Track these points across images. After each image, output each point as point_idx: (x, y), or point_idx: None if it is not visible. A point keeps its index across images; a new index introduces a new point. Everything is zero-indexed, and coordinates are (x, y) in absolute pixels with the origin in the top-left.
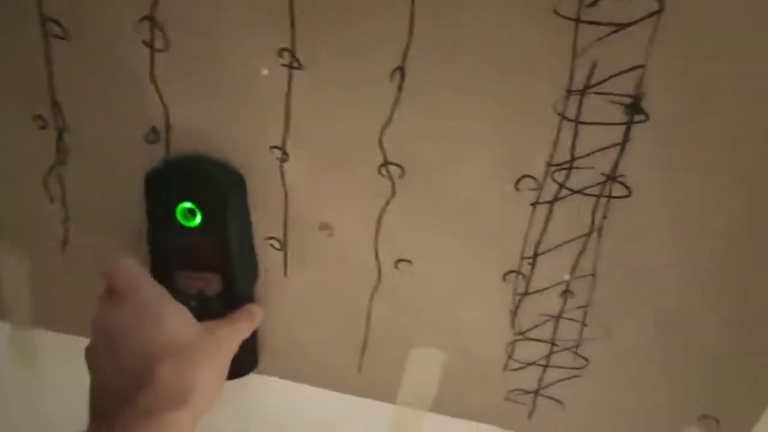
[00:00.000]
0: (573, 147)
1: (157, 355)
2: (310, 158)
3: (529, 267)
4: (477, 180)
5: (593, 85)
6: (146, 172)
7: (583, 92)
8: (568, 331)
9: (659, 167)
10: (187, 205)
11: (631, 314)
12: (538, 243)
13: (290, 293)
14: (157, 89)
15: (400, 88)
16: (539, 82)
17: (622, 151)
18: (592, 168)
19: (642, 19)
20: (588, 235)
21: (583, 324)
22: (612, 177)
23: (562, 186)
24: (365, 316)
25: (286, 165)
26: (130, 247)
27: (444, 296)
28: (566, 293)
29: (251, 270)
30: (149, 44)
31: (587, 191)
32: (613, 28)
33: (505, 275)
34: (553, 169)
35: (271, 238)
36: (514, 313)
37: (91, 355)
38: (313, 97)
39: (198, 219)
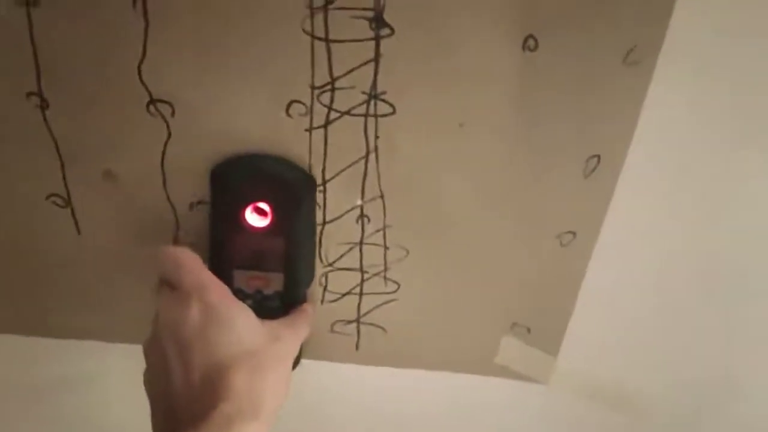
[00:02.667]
0: (330, 67)
1: (231, 363)
2: (71, 102)
3: (322, 195)
4: (249, 111)
5: (333, 0)
6: (212, 169)
7: (325, 8)
8: (373, 256)
9: (414, 80)
10: (258, 204)
11: (425, 233)
12: (324, 170)
13: (87, 250)
14: None
15: (145, 15)
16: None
17: (376, 67)
18: (354, 87)
19: None
20: (366, 156)
21: (385, 247)
22: (374, 95)
23: (330, 108)
24: None
25: (48, 112)
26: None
27: None
28: (362, 218)
29: (311, 269)
30: None
31: (354, 112)
32: None
33: None
34: (317, 91)
35: (52, 195)
36: (320, 244)
37: (156, 353)
38: (55, 34)
39: (269, 219)
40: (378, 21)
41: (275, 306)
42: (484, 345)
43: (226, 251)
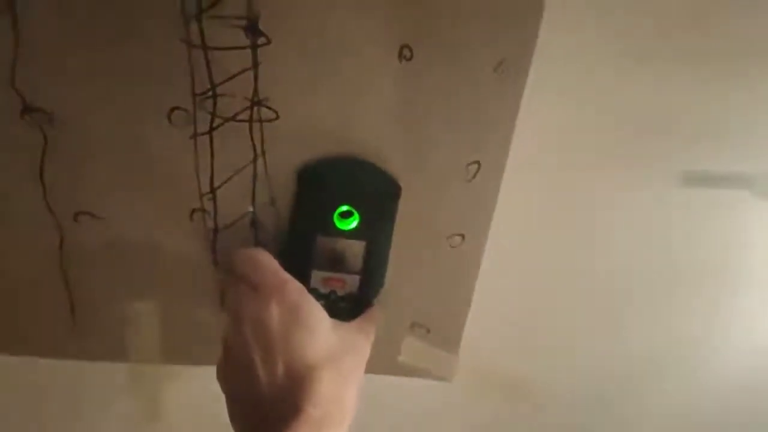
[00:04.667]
0: (210, 74)
1: (315, 366)
2: None
3: (212, 203)
4: (130, 119)
5: (207, 9)
6: (299, 170)
7: (199, 17)
8: None
9: (294, 87)
10: (346, 207)
11: None
12: (212, 177)
13: None
14: None
15: (14, 23)
16: (152, 8)
17: (256, 74)
18: (235, 95)
19: None
20: (254, 162)
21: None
22: (256, 102)
23: (213, 115)
24: (61, 277)
25: None
26: None
27: (134, 244)
28: (255, 224)
29: (384, 274)
30: None
31: (238, 118)
32: None
33: (191, 214)
34: (199, 98)
35: None
36: (214, 251)
37: (239, 350)
38: None
39: (355, 222)
40: (253, 30)
41: (346, 307)
42: (387, 345)
43: (308, 251)
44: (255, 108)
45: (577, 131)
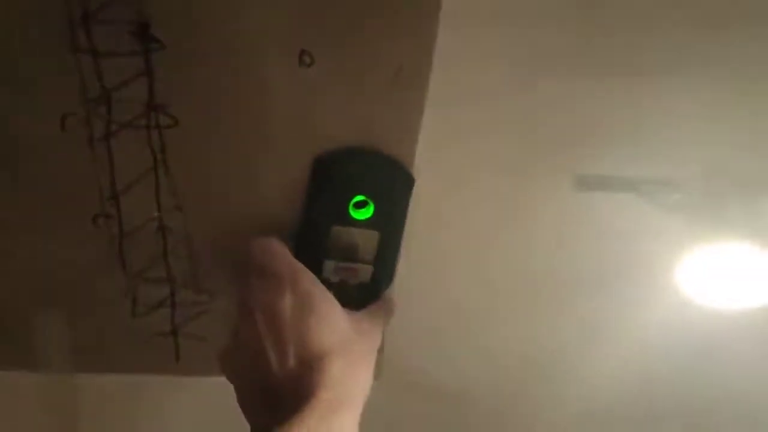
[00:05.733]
0: (101, 79)
1: (327, 352)
2: None
3: (114, 208)
4: (22, 125)
5: (94, 13)
6: (315, 159)
7: (85, 21)
8: (180, 267)
9: (192, 93)
10: (361, 197)
11: (227, 242)
12: (113, 182)
13: None
14: None
15: None
16: (37, 11)
17: (150, 80)
18: (132, 100)
19: None
20: (155, 168)
21: (191, 257)
22: (152, 107)
23: (108, 121)
24: None
25: None
26: None
27: (37, 251)
28: (162, 229)
29: (396, 265)
30: None
31: (135, 123)
32: None
33: (94, 220)
34: (91, 104)
35: None
36: (121, 257)
37: (248, 336)
38: None
39: (370, 211)
40: (143, 35)
41: (357, 297)
42: None
43: (322, 241)
44: (152, 114)
45: (477, 139)
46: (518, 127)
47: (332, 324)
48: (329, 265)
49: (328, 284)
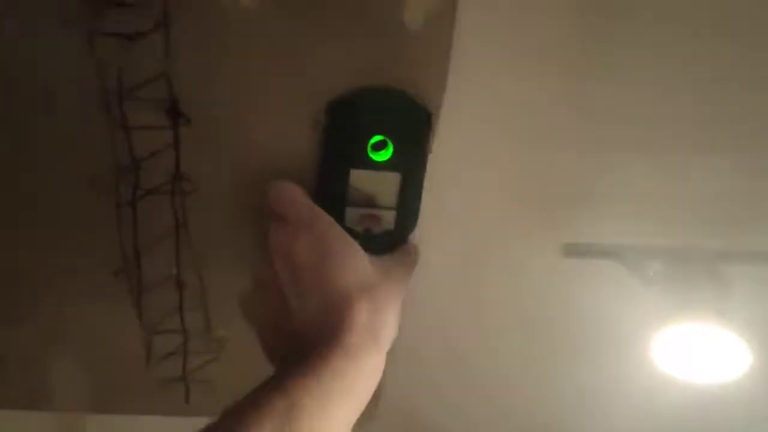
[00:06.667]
0: (132, 150)
1: (350, 295)
2: None
3: (136, 265)
4: (54, 184)
5: (129, 91)
6: (328, 102)
7: (119, 97)
8: (194, 319)
9: (214, 164)
10: (379, 138)
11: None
12: (136, 242)
13: None
14: None
15: None
16: (75, 90)
17: (177, 151)
18: (158, 169)
19: (150, 31)
20: (177, 229)
21: (206, 310)
22: (178, 176)
23: (136, 187)
24: None
25: None
26: None
27: (61, 301)
28: (179, 284)
29: (419, 208)
30: None
31: (161, 190)
32: (126, 39)
33: (116, 274)
34: (122, 171)
35: None
36: (139, 309)
37: (271, 282)
38: None
39: (390, 152)
40: (174, 111)
41: (379, 245)
42: None
43: (341, 187)
44: (176, 181)
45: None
46: (514, 189)
47: (353, 266)
48: (351, 213)
49: (354, 235)
